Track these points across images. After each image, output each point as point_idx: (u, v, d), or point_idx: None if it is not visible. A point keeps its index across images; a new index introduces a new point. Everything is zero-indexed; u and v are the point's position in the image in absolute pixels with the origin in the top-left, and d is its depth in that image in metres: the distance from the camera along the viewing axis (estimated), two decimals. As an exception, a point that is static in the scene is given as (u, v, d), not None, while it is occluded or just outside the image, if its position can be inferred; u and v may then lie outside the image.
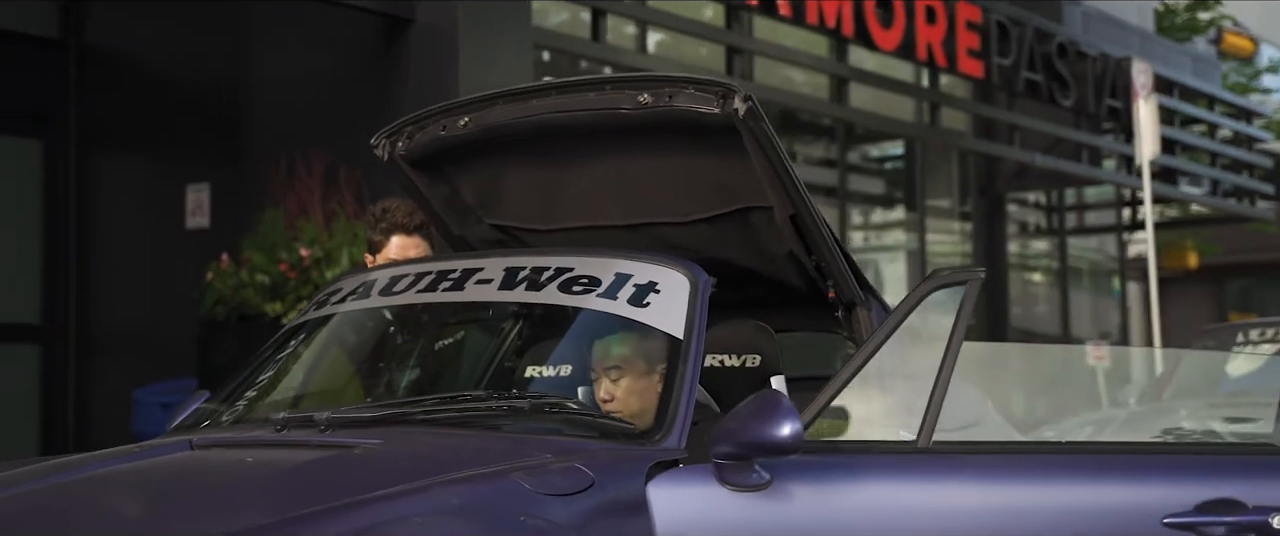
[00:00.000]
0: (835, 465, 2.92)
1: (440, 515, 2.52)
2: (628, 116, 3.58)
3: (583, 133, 3.70)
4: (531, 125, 3.72)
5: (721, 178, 3.66)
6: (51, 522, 2.62)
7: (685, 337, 3.17)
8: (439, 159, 3.95)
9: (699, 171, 3.69)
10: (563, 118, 3.67)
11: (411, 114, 3.95)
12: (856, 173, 14.45)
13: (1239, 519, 2.98)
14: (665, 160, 3.70)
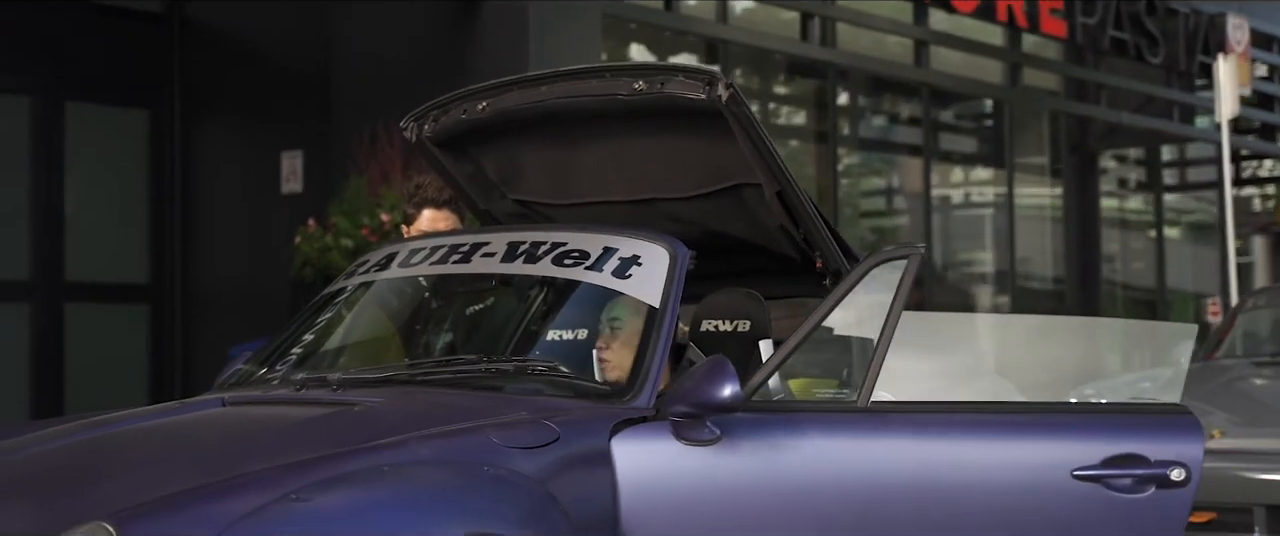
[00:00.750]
0: (780, 422, 3.25)
1: (410, 464, 2.89)
2: (626, 101, 3.91)
3: (587, 116, 4.04)
4: (542, 109, 4.06)
5: (713, 157, 3.98)
6: (80, 469, 3.04)
7: (661, 306, 3.51)
8: (462, 140, 4.30)
9: (692, 152, 4.01)
10: (569, 102, 4.01)
11: (434, 100, 4.31)
12: (945, 131, 14.61)
13: (1142, 472, 3.26)
14: (660, 142, 4.02)
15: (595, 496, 3.13)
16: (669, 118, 3.94)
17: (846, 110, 13.48)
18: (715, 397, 3.13)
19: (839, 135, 12.91)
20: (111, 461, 3.10)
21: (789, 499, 3.19)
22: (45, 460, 3.18)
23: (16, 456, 3.26)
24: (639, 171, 4.12)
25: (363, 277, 4.07)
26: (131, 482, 2.87)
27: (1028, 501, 3.20)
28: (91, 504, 2.71)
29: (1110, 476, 3.24)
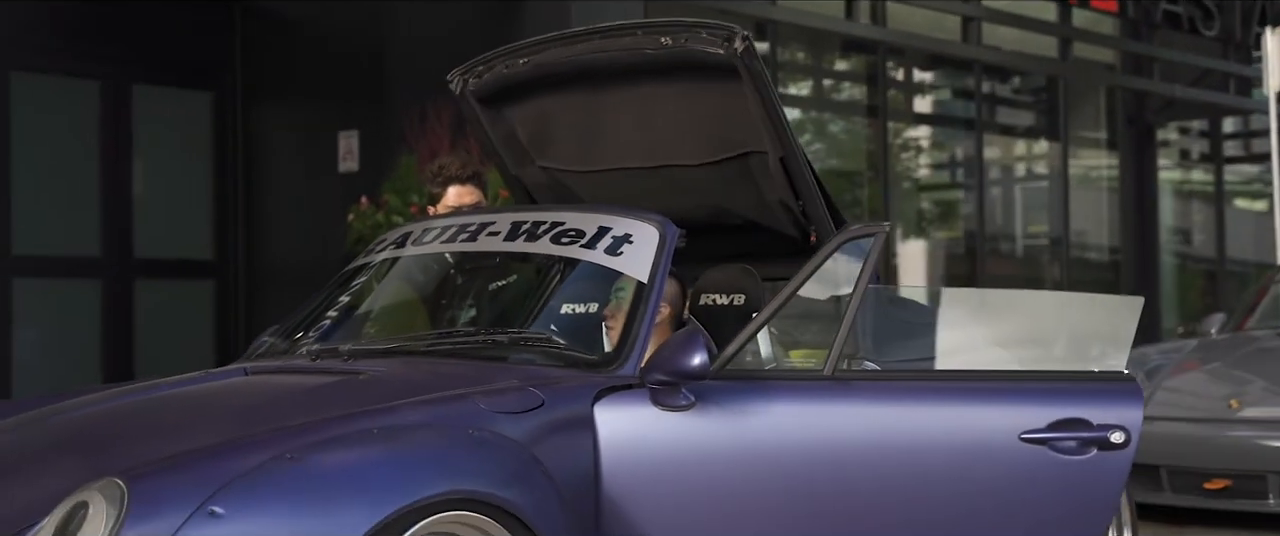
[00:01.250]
0: (751, 389, 3.49)
1: (400, 427, 3.17)
2: (652, 56, 4.14)
3: (617, 74, 4.27)
4: (575, 65, 4.30)
5: (726, 123, 4.21)
6: (107, 431, 3.35)
7: (649, 281, 3.76)
8: (501, 97, 4.56)
9: (708, 117, 4.25)
10: (602, 59, 4.25)
11: (482, 55, 4.56)
12: (999, 105, 14.70)
13: (1085, 434, 3.47)
14: (680, 105, 4.26)
15: (578, 458, 3.39)
16: (689, 78, 4.17)
17: (898, 86, 13.63)
18: (686, 366, 3.38)
19: (890, 111, 13.07)
20: (135, 424, 3.40)
21: (758, 460, 3.43)
22: (78, 423, 3.49)
23: (55, 421, 3.57)
24: (658, 137, 4.35)
25: (381, 255, 4.35)
26: (149, 443, 3.17)
27: (978, 462, 3.43)
28: (110, 462, 3.01)
29: (1055, 439, 3.46)
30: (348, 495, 2.93)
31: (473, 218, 4.22)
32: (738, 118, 4.18)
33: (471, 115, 4.67)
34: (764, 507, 3.40)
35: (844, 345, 3.51)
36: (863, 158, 13.19)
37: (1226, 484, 6.69)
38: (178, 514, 2.77)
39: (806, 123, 13.09)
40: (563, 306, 3.97)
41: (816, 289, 3.69)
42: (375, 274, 4.30)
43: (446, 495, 3.04)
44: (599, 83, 4.38)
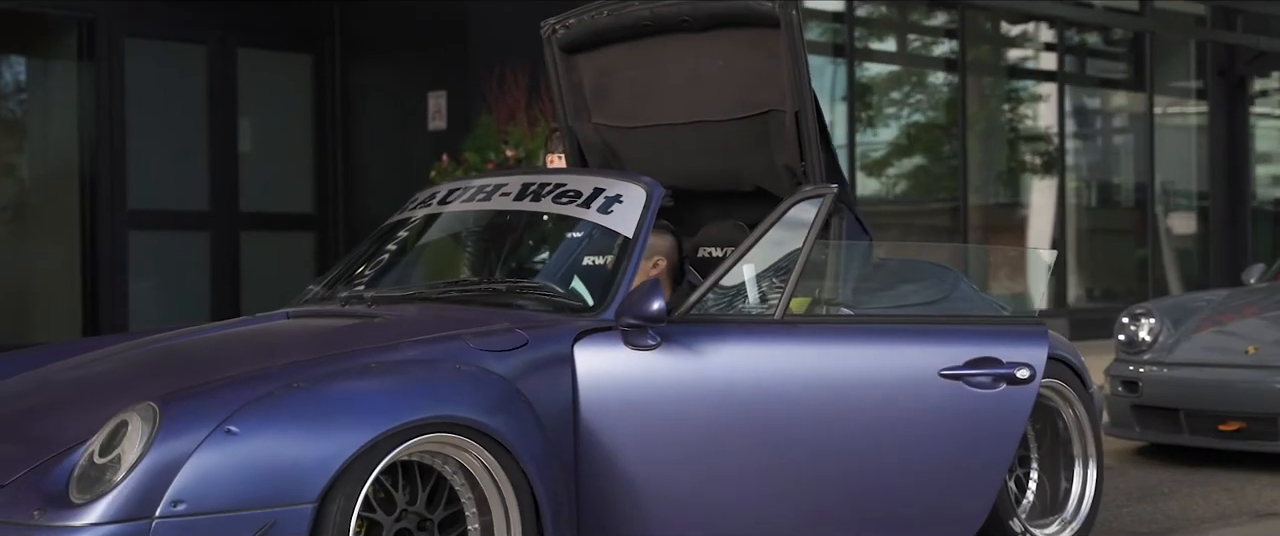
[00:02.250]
0: (710, 331, 3.98)
1: (396, 361, 3.72)
2: (711, 11, 4.70)
3: (675, 29, 4.84)
4: (643, 20, 4.89)
5: (758, 79, 4.73)
6: (160, 365, 3.94)
7: (633, 236, 4.26)
8: (578, 48, 5.14)
9: (744, 72, 4.77)
10: (666, 12, 4.83)
11: (579, 8, 5.12)
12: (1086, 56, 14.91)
13: (996, 371, 3.92)
14: (724, 59, 4.79)
15: (557, 391, 3.91)
16: (735, 33, 4.71)
17: (982, 40, 13.92)
18: (646, 311, 3.88)
19: (969, 63, 13.37)
20: (181, 359, 4.00)
21: (714, 392, 3.93)
22: (136, 358, 4.10)
23: (118, 356, 4.18)
24: (698, 92, 4.87)
25: (415, 212, 4.90)
26: (189, 374, 3.75)
27: (903, 395, 3.90)
28: (153, 389, 3.60)
29: (970, 375, 3.92)
30: (344, 417, 3.48)
31: (490, 180, 4.75)
32: (768, 76, 4.69)
33: (552, 63, 5.23)
34: (718, 434, 3.90)
35: (793, 292, 3.99)
36: (945, 112, 13.51)
37: (1240, 426, 7.05)
38: (200, 431, 3.35)
39: (890, 78, 13.45)
40: (584, 259, 4.49)
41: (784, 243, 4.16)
42: (408, 229, 4.86)
43: (432, 419, 3.59)
44: (658, 36, 4.95)
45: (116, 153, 10.44)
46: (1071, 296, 14.06)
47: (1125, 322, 7.67)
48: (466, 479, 3.74)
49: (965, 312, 4.11)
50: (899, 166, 13.47)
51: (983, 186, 13.84)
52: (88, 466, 3.37)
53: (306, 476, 3.39)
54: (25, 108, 11.34)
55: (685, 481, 3.90)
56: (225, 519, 3.31)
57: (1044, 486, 5.12)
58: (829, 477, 3.91)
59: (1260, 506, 6.11)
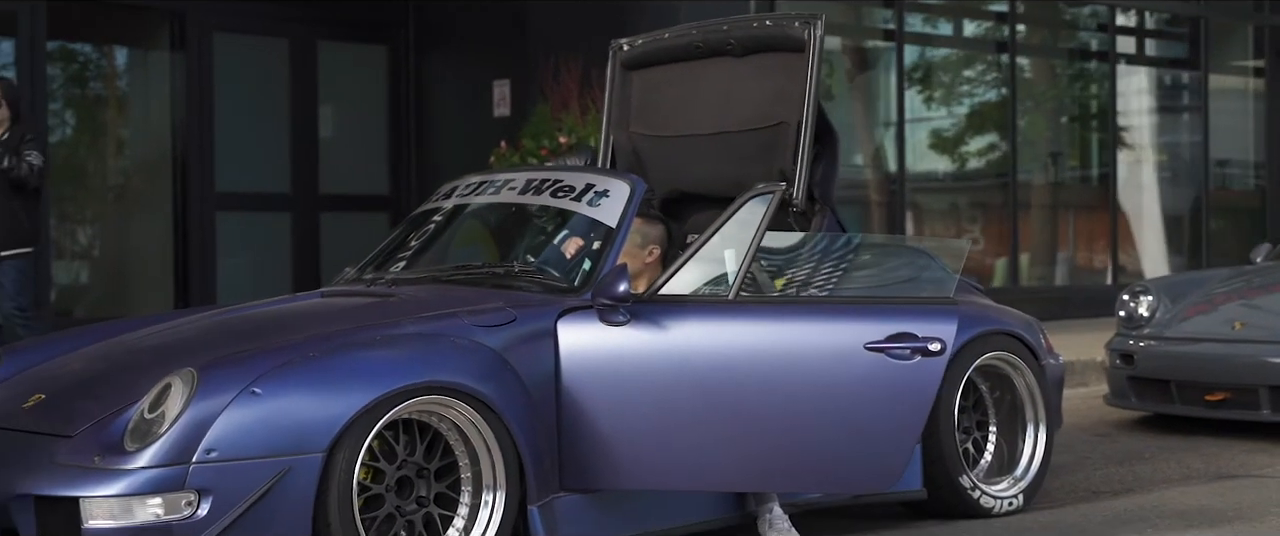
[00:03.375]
0: (673, 310, 4.60)
1: (398, 335, 4.39)
2: (755, 36, 5.47)
3: (716, 52, 5.62)
4: (692, 43, 5.69)
5: (776, 96, 5.42)
6: (203, 338, 4.65)
7: (616, 225, 4.90)
8: (636, 65, 5.90)
9: (766, 90, 5.48)
10: (713, 37, 5.63)
11: (645, 33, 5.91)
12: (1137, 36, 15.27)
13: (912, 345, 4.51)
14: (752, 78, 5.52)
15: (541, 362, 4.56)
16: (765, 56, 5.48)
17: (1032, 21, 14.35)
18: (614, 292, 4.53)
19: (1018, 45, 13.83)
20: (225, 332, 4.71)
21: (674, 362, 4.56)
22: (188, 331, 4.82)
23: (174, 329, 4.90)
24: (727, 108, 5.60)
25: (436, 204, 5.57)
26: (227, 345, 4.45)
27: (834, 364, 4.50)
28: (196, 357, 4.30)
29: (891, 348, 4.51)
30: (350, 381, 4.16)
31: (501, 176, 5.42)
32: (786, 93, 5.37)
33: (611, 76, 5.98)
34: (677, 397, 4.52)
35: (743, 275, 4.62)
36: (993, 87, 13.98)
37: (1225, 396, 7.55)
38: (230, 392, 4.04)
39: (943, 62, 13.94)
40: (554, 244, 5.15)
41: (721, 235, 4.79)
42: (431, 218, 5.53)
43: (426, 383, 4.25)
44: (703, 58, 5.73)
45: (205, 139, 11.25)
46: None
47: (1125, 299, 8.19)
48: (459, 435, 4.41)
49: (912, 293, 4.70)
50: (952, 146, 13.96)
51: (1032, 165, 14.30)
52: (139, 421, 4.08)
53: (317, 430, 4.07)
54: (124, 96, 12.21)
55: (650, 437, 4.54)
56: (249, 464, 4.01)
57: (1002, 448, 5.71)
58: (770, 433, 4.53)
59: (1227, 470, 6.62)
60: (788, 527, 4.88)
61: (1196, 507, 5.57)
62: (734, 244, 4.68)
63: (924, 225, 13.49)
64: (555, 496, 4.55)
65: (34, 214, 7.59)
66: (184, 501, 3.96)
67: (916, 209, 13.37)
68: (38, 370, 4.76)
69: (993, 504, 5.46)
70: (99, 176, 12.01)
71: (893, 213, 12.77)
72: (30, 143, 7.50)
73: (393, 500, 4.30)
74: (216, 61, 11.34)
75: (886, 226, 12.78)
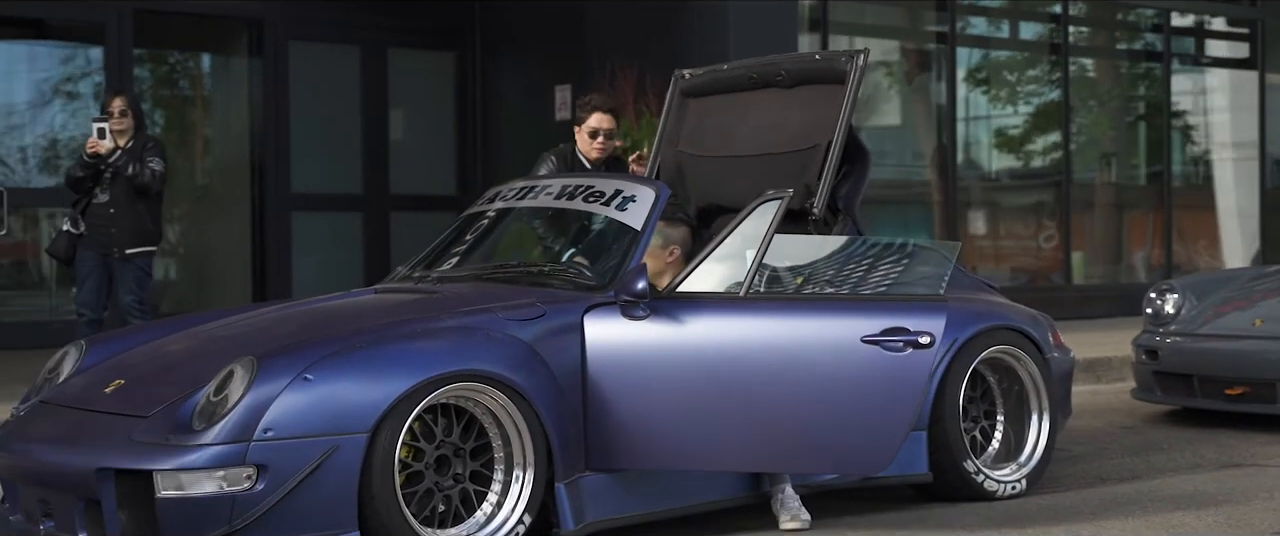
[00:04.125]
0: (688, 306, 5.04)
1: (439, 328, 4.86)
2: (804, 69, 6.05)
3: (767, 83, 6.15)
4: (747, 74, 6.24)
5: (816, 121, 5.90)
6: (268, 329, 5.14)
7: (641, 228, 5.34)
8: (695, 93, 6.43)
9: (807, 116, 5.96)
10: (770, 71, 6.15)
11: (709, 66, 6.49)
12: (1199, 37, 15.49)
13: (905, 338, 4.91)
14: (796, 106, 6.02)
15: (569, 353, 5.01)
16: (811, 86, 5.99)
17: (1083, 22, 14.62)
18: (633, 289, 4.98)
19: (1069, 46, 14.12)
20: (284, 324, 5.20)
21: (690, 354, 4.99)
22: (252, 323, 5.32)
23: (242, 322, 5.41)
24: (770, 132, 6.09)
25: (481, 208, 6.04)
26: (286, 336, 4.94)
27: (834, 355, 4.92)
28: (257, 346, 4.79)
29: (885, 341, 4.92)
30: (392, 369, 4.63)
31: (540, 182, 5.88)
32: (824, 118, 5.85)
33: (670, 101, 6.51)
34: (692, 385, 4.95)
35: (754, 274, 5.05)
36: (1040, 82, 14.27)
37: (1244, 390, 7.86)
38: (285, 378, 4.52)
39: (993, 64, 14.25)
40: (582, 243, 5.61)
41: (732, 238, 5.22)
42: (477, 220, 6.00)
43: (462, 371, 4.72)
44: (754, 89, 6.25)
45: (282, 142, 11.83)
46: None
47: (1152, 297, 8.52)
48: (493, 419, 4.87)
49: (905, 291, 5.09)
50: (1008, 146, 14.28)
51: (1086, 165, 14.58)
52: (205, 403, 4.58)
53: (362, 412, 4.55)
54: (206, 101, 12.82)
55: (667, 421, 4.98)
56: (302, 442, 4.49)
57: (1009, 435, 6.10)
58: (775, 418, 4.96)
59: (1236, 460, 6.94)
60: (799, 507, 5.30)
61: (1190, 493, 5.92)
62: (745, 245, 5.10)
63: (1000, 224, 13.86)
64: (581, 475, 5.00)
65: (156, 216, 8.13)
66: (244, 475, 4.45)
67: (992, 206, 13.75)
68: (118, 359, 5.27)
69: (996, 487, 5.84)
70: (183, 177, 12.61)
71: (950, 211, 13.13)
72: (152, 150, 8.03)
73: (432, 477, 4.77)
74: (292, 68, 11.91)
75: (945, 223, 13.14)
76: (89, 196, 8.03)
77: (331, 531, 4.52)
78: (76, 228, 8.04)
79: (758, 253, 5.07)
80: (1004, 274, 14.07)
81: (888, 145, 13.65)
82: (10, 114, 11.58)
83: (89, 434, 4.76)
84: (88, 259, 8.05)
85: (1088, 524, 5.28)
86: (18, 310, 11.46)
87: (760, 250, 5.07)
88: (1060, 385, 6.26)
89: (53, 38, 11.80)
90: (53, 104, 11.95)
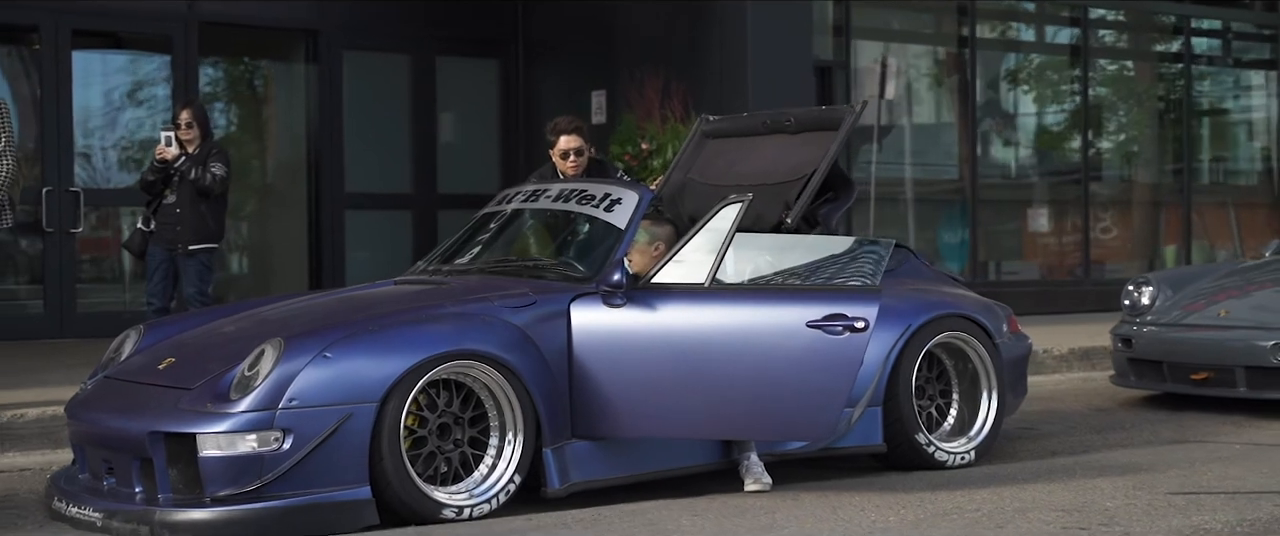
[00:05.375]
0: (660, 295, 5.77)
1: (440, 314, 5.64)
2: (811, 118, 6.87)
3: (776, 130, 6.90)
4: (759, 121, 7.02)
5: (809, 158, 6.61)
6: (298, 316, 5.94)
7: (624, 227, 6.09)
8: (713, 135, 7.20)
9: (804, 155, 6.67)
10: (781, 119, 6.93)
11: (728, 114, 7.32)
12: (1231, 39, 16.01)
13: (843, 323, 5.63)
14: (798, 147, 6.74)
15: (557, 336, 5.77)
16: (813, 132, 6.76)
17: (1103, 26, 15.20)
18: (610, 281, 5.74)
19: (1092, 47, 14.72)
20: (313, 311, 6.00)
21: (660, 337, 5.74)
22: (284, 310, 6.13)
23: (278, 308, 6.21)
24: (769, 166, 6.83)
25: (491, 209, 6.82)
26: (311, 321, 5.74)
27: (783, 337, 5.64)
28: (286, 329, 5.59)
29: (826, 325, 5.64)
30: (399, 348, 5.41)
31: (542, 186, 6.65)
32: (812, 156, 6.57)
33: (691, 140, 7.28)
34: (661, 364, 5.68)
35: (717, 267, 5.78)
36: (1066, 97, 14.88)
37: (1208, 375, 8.50)
38: (308, 356, 5.31)
39: (1013, 70, 14.88)
40: (575, 241, 6.37)
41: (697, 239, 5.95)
42: (487, 221, 6.78)
43: (460, 350, 5.49)
44: (765, 133, 7.01)
45: (336, 144, 12.68)
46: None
47: (1130, 289, 9.17)
48: (488, 392, 5.63)
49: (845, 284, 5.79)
50: (1028, 147, 14.90)
51: (1106, 165, 15.17)
52: (241, 377, 5.38)
53: (373, 385, 5.33)
54: (266, 106, 13.71)
55: (641, 395, 5.72)
56: (321, 410, 5.27)
57: (963, 412, 6.80)
58: (733, 392, 5.68)
59: (1188, 437, 7.59)
60: (761, 471, 6.04)
61: (1123, 464, 6.59)
62: (711, 242, 5.84)
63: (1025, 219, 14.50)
64: (566, 442, 5.77)
65: (219, 216, 8.96)
66: (272, 437, 5.24)
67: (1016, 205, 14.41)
68: (171, 340, 6.09)
69: (946, 458, 6.55)
70: (250, 175, 13.50)
71: (972, 208, 13.79)
72: (216, 156, 8.86)
73: (434, 441, 5.55)
74: (346, 75, 12.75)
75: (972, 220, 13.79)
76: (159, 198, 8.88)
77: (347, 486, 5.31)
78: (147, 226, 8.90)
79: (720, 249, 5.81)
80: (1033, 267, 14.74)
81: (916, 144, 14.31)
82: (87, 118, 12.48)
83: (143, 403, 5.58)
84: (157, 254, 8.90)
85: (1013, 486, 5.97)
86: (97, 301, 12.36)
87: (723, 246, 5.81)
88: (1013, 368, 6.95)
89: (126, 47, 12.72)
90: (126, 109, 12.86)
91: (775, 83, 11.33)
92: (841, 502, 5.65)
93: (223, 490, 5.24)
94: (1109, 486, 5.92)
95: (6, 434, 7.17)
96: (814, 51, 12.22)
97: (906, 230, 13.87)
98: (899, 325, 6.41)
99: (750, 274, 5.89)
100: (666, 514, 5.47)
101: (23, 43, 11.90)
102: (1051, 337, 10.95)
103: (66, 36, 11.58)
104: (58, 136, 11.56)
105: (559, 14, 13.07)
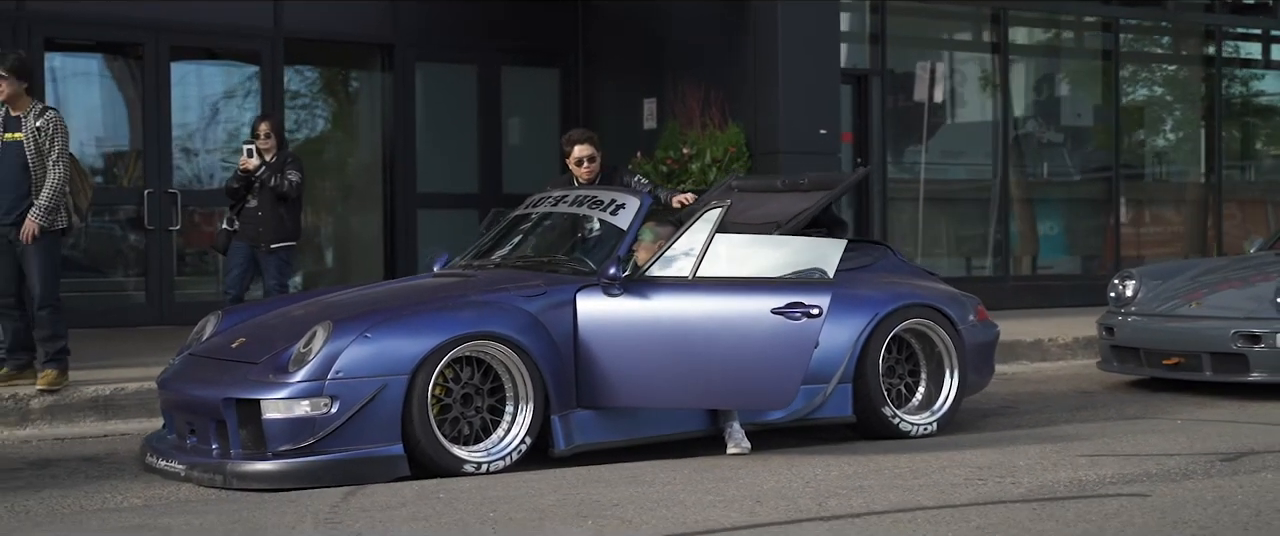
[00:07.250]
0: (652, 286, 6.80)
1: (463, 303, 6.71)
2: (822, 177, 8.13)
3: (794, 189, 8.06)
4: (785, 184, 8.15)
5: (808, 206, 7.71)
6: (347, 304, 7.04)
7: (626, 228, 7.14)
8: (740, 190, 8.29)
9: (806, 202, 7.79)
10: (797, 177, 8.11)
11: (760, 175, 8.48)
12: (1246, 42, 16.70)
13: (801, 309, 6.62)
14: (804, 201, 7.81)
15: (564, 321, 6.82)
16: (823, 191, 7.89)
17: (1131, 30, 15.97)
18: (608, 274, 6.79)
19: (1121, 53, 15.50)
20: (361, 300, 7.11)
21: (652, 323, 6.77)
22: (341, 298, 7.24)
23: (334, 296, 7.33)
24: (779, 213, 7.88)
25: (520, 211, 7.89)
26: (358, 307, 6.85)
27: (752, 322, 6.63)
28: (337, 314, 6.69)
29: (787, 311, 6.64)
30: (428, 329, 6.48)
31: (561, 192, 7.72)
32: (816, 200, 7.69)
33: (723, 188, 8.41)
34: (652, 345, 6.70)
35: (699, 262, 6.80)
36: (1098, 98, 15.68)
37: (1178, 360, 9.38)
38: (352, 336, 6.40)
39: (1047, 74, 15.70)
40: (586, 240, 7.43)
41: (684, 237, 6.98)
42: (517, 221, 7.85)
43: (479, 331, 6.56)
44: (783, 191, 8.10)
45: (409, 148, 13.81)
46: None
47: (1115, 282, 10.07)
48: (504, 367, 6.70)
49: (802, 276, 6.80)
50: (1061, 147, 15.73)
51: (1140, 164, 15.95)
52: (298, 353, 6.49)
53: (405, 360, 6.41)
54: (346, 113, 14.89)
55: (634, 372, 6.75)
56: (362, 381, 6.36)
57: (930, 390, 7.77)
58: (712, 369, 6.69)
59: (1145, 414, 8.48)
60: (742, 438, 7.06)
61: (1065, 434, 7.51)
62: (695, 242, 6.87)
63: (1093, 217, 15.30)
64: (571, 411, 6.82)
65: (295, 217, 10.11)
66: (323, 403, 6.34)
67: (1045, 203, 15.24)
68: (245, 323, 7.21)
69: (910, 428, 7.54)
70: (331, 175, 14.67)
71: (1003, 207, 14.67)
72: (291, 164, 10.01)
73: (458, 408, 6.62)
74: (419, 85, 13.89)
75: (998, 216, 14.66)
76: (243, 202, 10.06)
77: (383, 444, 6.40)
78: (232, 226, 10.09)
79: (702, 247, 6.83)
80: (1068, 262, 15.57)
81: (952, 146, 15.19)
82: (185, 125, 13.73)
83: (219, 375, 6.71)
84: (239, 250, 10.07)
85: (955, 450, 6.93)
86: (193, 292, 13.60)
87: (704, 246, 6.83)
88: (978, 352, 7.91)
89: (218, 59, 13.95)
90: (219, 117, 14.09)
91: (805, 87, 12.21)
92: (800, 462, 6.65)
93: (283, 446, 6.34)
94: (1035, 450, 6.86)
95: (110, 404, 8.37)
96: (851, 61, 13.12)
97: (943, 226, 14.78)
98: (868, 312, 7.41)
99: (728, 269, 6.90)
100: (650, 471, 6.50)
101: (128, 55, 13.15)
102: (1059, 328, 11.83)
103: (165, 51, 12.81)
104: (158, 142, 12.79)
105: (615, 26, 14.11)
